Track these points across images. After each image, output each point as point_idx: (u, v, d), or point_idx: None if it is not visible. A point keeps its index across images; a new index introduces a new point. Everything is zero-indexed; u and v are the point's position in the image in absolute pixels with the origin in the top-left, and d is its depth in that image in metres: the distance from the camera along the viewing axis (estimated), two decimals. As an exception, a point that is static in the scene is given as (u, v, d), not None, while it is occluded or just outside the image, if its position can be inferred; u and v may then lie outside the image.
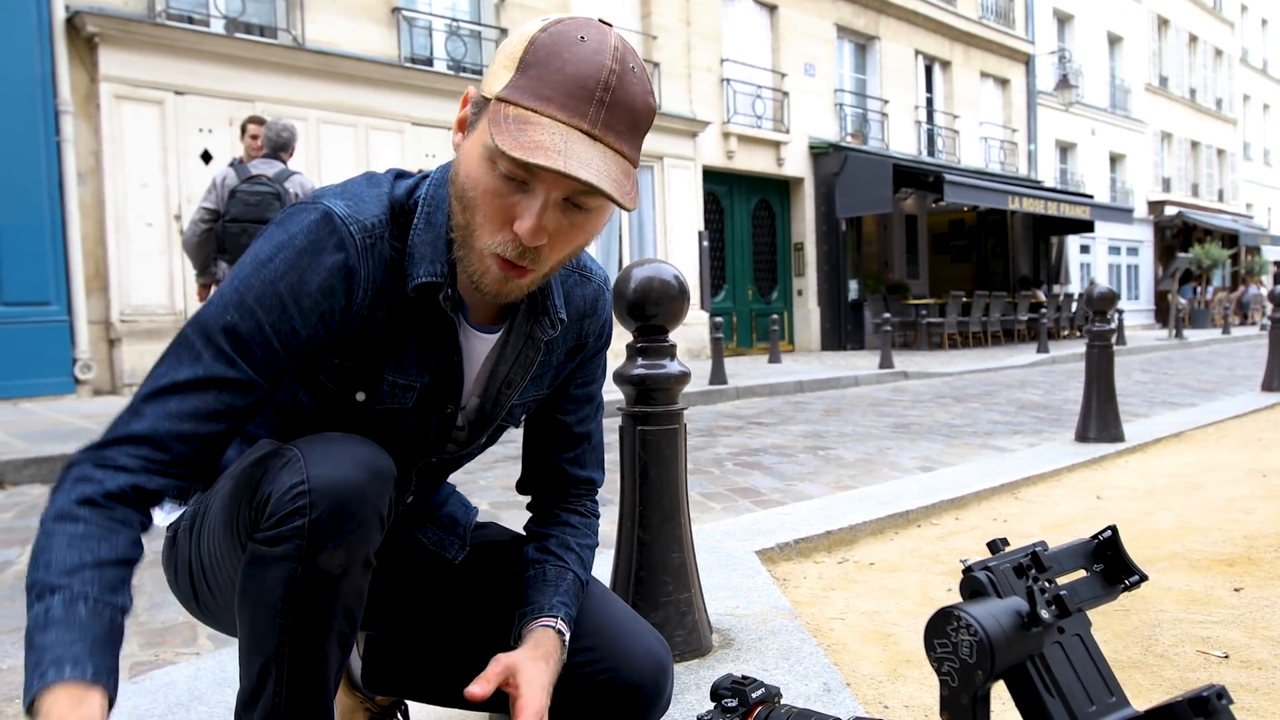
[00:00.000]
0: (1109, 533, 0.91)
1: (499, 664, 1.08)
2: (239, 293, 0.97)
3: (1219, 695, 0.75)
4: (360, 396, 1.07)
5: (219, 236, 5.11)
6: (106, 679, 0.82)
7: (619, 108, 0.93)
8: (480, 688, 1.04)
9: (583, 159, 0.90)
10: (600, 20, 0.98)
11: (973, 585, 0.79)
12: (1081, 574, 0.91)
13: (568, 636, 1.15)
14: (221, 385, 0.96)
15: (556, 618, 1.15)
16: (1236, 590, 2.39)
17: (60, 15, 7.87)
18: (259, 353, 0.97)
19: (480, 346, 1.14)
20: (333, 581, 0.94)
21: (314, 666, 0.96)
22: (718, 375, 8.78)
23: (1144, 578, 0.90)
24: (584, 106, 0.92)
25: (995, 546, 0.90)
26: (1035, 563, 0.86)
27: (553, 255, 1.00)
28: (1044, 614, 0.75)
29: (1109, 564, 0.91)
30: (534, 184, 0.94)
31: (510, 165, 0.92)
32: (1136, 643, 2.04)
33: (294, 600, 0.93)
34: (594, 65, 0.92)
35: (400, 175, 1.09)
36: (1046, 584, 0.85)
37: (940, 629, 0.74)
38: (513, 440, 1.40)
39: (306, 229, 0.98)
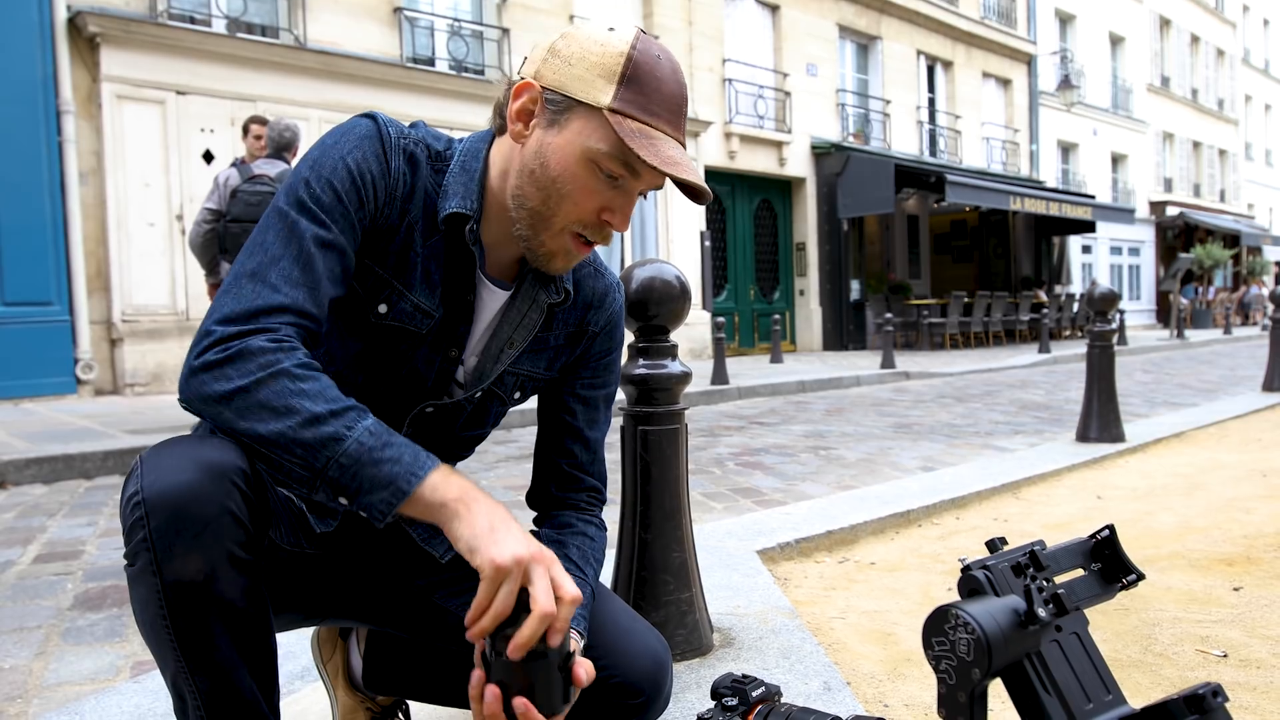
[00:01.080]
0: (1106, 532, 0.91)
1: None
2: (314, 168, 1.07)
3: (1214, 693, 0.75)
4: (382, 309, 1.13)
5: (221, 236, 5.12)
6: None
7: (687, 118, 1.13)
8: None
9: (691, 169, 1.07)
10: (641, 30, 1.11)
11: (971, 584, 0.80)
12: (1079, 573, 0.92)
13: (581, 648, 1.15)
14: (326, 245, 1.04)
15: (576, 629, 1.15)
16: (1236, 589, 2.39)
17: (62, 15, 7.89)
18: (340, 220, 1.06)
19: (490, 300, 1.19)
20: (198, 588, 0.92)
21: (222, 674, 0.95)
22: (719, 375, 8.79)
23: (1141, 576, 0.90)
24: (679, 121, 1.09)
25: (994, 546, 0.90)
26: (1033, 562, 0.87)
27: (611, 233, 1.12)
28: (1041, 612, 0.75)
29: (1107, 563, 0.91)
30: (630, 183, 1.08)
31: (620, 167, 1.05)
32: (1136, 641, 2.04)
33: (170, 614, 0.92)
34: (677, 85, 1.09)
35: (438, 135, 1.19)
36: (1044, 583, 0.86)
37: (938, 627, 0.75)
38: (513, 440, 1.41)
39: (361, 126, 1.11)
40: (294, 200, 1.05)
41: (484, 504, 0.96)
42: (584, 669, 1.00)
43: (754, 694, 1.14)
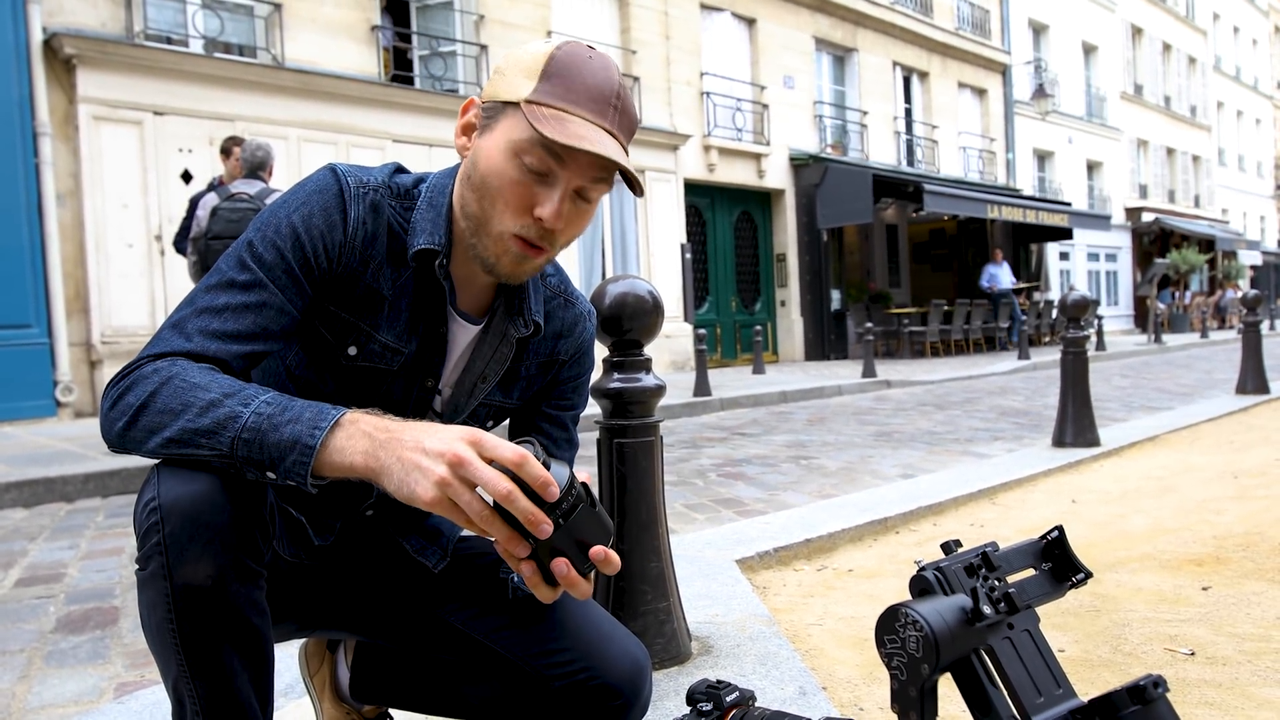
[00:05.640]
0: (1056, 533, 0.95)
1: None
2: (261, 230, 1.09)
3: (1155, 684, 0.79)
4: (352, 351, 1.15)
5: (202, 254, 5.12)
6: None
7: (625, 115, 1.10)
8: None
9: (610, 149, 1.05)
10: (582, 43, 1.12)
11: (921, 584, 0.83)
12: (1031, 573, 0.95)
13: None
14: (257, 308, 1.05)
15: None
16: (1205, 589, 2.44)
17: (38, 37, 7.87)
18: (283, 277, 1.07)
19: (461, 334, 1.21)
20: (206, 593, 0.95)
21: (222, 680, 0.98)
22: (702, 387, 8.82)
23: (1089, 575, 0.94)
24: (605, 109, 1.08)
25: (949, 548, 0.94)
26: (985, 562, 0.90)
27: (560, 238, 1.12)
28: (987, 610, 0.79)
29: (1056, 562, 0.95)
30: (557, 175, 1.07)
31: (541, 156, 1.05)
32: (1106, 641, 2.08)
33: (177, 618, 0.95)
34: (607, 79, 1.09)
35: (399, 170, 1.20)
36: (996, 582, 0.89)
37: (889, 626, 0.78)
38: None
39: (315, 179, 1.13)
40: (235, 259, 1.07)
41: (391, 448, 0.92)
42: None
43: (728, 699, 1.17)
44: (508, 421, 1.38)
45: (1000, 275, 16.24)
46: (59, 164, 8.02)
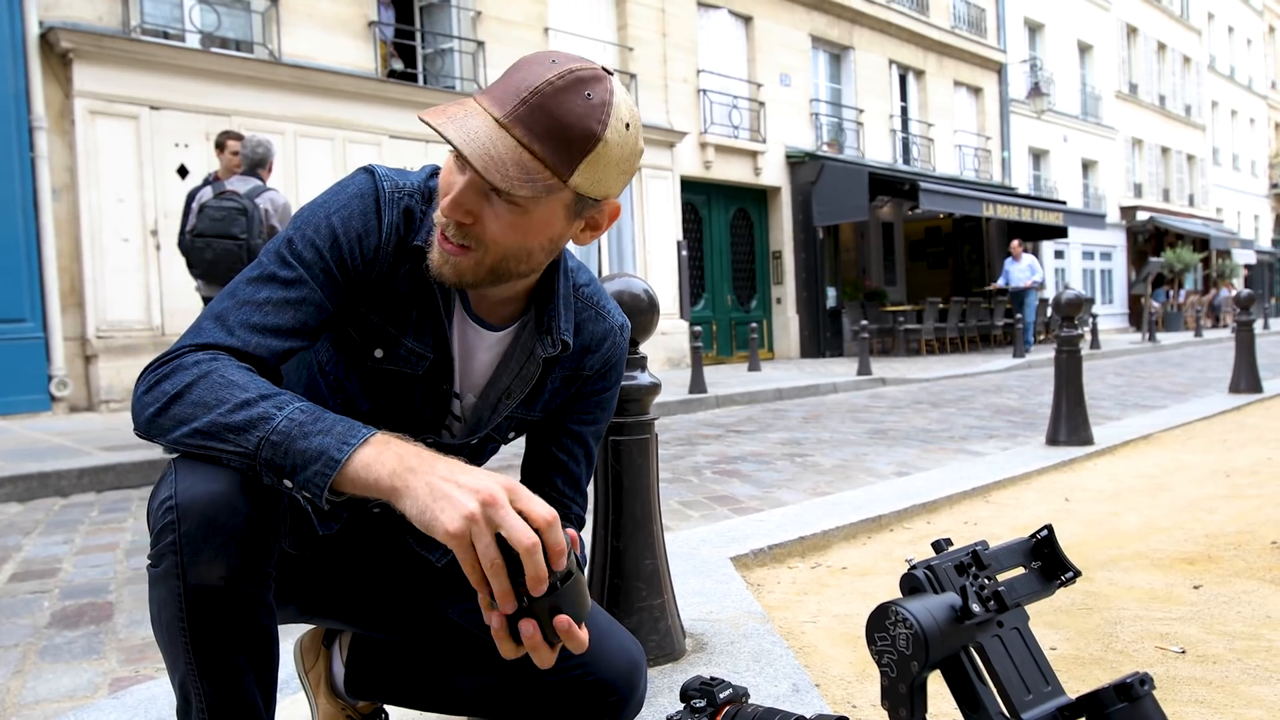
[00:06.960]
0: (1045, 532, 0.96)
1: None
2: (300, 229, 1.10)
3: (1141, 681, 0.80)
4: (378, 353, 1.16)
5: (187, 251, 5.07)
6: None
7: (544, 112, 0.99)
8: None
9: (466, 128, 0.99)
10: (603, 69, 1.05)
11: (911, 582, 0.84)
12: (1021, 571, 0.96)
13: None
14: (297, 304, 1.06)
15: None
16: (1196, 587, 2.46)
17: (34, 31, 7.85)
18: (321, 275, 1.08)
19: (476, 339, 1.21)
20: (219, 594, 0.95)
21: (229, 679, 0.99)
22: (697, 384, 8.83)
23: (1078, 574, 0.95)
24: (507, 99, 1.00)
25: (939, 546, 0.95)
26: (975, 561, 0.91)
27: (488, 240, 1.05)
28: (976, 608, 0.80)
29: (1046, 561, 0.96)
30: (466, 167, 1.03)
31: (451, 150, 1.02)
32: (1098, 639, 2.10)
33: (187, 616, 0.95)
34: (537, 76, 1.00)
35: (436, 173, 1.19)
36: (986, 580, 0.90)
37: (879, 623, 0.79)
38: (503, 455, 1.43)
39: (355, 182, 1.14)
40: (276, 254, 1.08)
41: (421, 473, 0.91)
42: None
43: (721, 695, 1.18)
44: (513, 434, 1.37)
45: (1013, 272, 16.07)
46: (54, 158, 7.99)
